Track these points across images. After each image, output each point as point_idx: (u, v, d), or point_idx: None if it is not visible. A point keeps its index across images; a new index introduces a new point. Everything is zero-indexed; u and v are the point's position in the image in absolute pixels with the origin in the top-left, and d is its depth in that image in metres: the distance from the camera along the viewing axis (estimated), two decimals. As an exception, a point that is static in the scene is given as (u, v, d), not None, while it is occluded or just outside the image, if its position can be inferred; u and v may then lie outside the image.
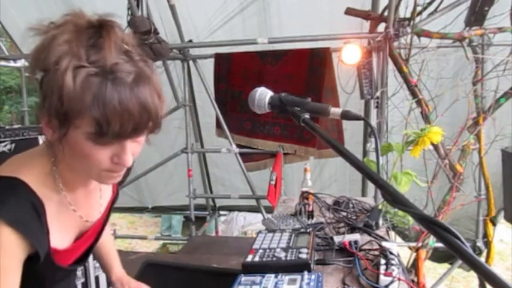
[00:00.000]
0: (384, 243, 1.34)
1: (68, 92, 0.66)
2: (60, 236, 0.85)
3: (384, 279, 1.14)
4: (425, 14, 2.70)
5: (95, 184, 0.94)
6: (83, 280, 2.17)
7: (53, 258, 0.83)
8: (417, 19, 2.68)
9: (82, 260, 0.98)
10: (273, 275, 1.16)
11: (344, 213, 1.79)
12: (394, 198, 0.63)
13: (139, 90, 0.70)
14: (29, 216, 0.75)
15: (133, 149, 0.77)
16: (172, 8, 3.28)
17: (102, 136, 0.70)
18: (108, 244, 1.21)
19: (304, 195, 1.74)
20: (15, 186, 0.76)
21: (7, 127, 3.08)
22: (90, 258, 1.91)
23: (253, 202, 3.76)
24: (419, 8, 2.67)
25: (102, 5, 3.38)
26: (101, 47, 0.68)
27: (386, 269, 1.17)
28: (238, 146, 3.53)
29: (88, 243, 0.97)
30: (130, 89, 0.69)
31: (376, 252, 1.34)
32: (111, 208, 1.02)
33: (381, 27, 2.87)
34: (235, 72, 3.46)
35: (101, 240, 1.05)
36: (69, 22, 0.70)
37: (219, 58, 3.48)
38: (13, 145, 2.96)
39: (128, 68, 0.70)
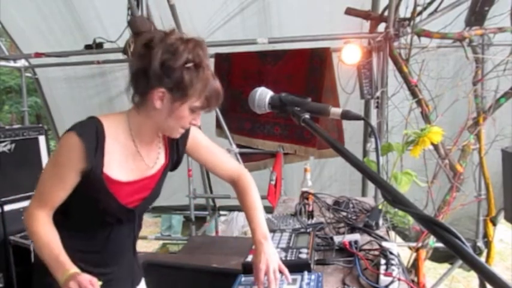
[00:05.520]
0: (383, 243, 1.34)
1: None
2: (119, 170, 1.14)
3: (383, 279, 1.14)
4: (425, 14, 2.71)
5: (156, 142, 1.23)
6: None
7: (106, 183, 1.11)
8: (417, 19, 2.68)
9: (138, 207, 1.22)
10: (273, 275, 1.16)
11: (344, 213, 1.80)
12: (394, 198, 0.63)
13: (216, 81, 1.12)
14: (92, 135, 1.08)
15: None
16: (172, 8, 3.28)
17: (202, 109, 1.10)
18: (257, 203, 1.31)
19: (304, 195, 1.74)
20: (90, 118, 1.12)
21: (7, 127, 3.08)
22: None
23: (253, 202, 3.75)
24: (419, 8, 2.67)
25: (102, 5, 3.39)
26: (203, 55, 1.08)
27: (387, 269, 1.17)
28: (238, 146, 3.53)
29: (145, 193, 1.22)
30: (215, 80, 1.11)
31: (376, 252, 1.34)
32: (165, 173, 1.28)
33: (381, 27, 2.87)
34: (235, 72, 3.45)
35: (252, 200, 1.31)
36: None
37: (219, 58, 3.48)
38: (13, 145, 2.96)
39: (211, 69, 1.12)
